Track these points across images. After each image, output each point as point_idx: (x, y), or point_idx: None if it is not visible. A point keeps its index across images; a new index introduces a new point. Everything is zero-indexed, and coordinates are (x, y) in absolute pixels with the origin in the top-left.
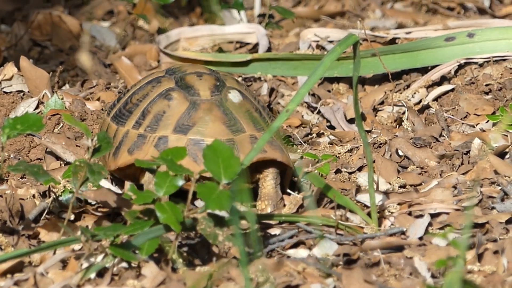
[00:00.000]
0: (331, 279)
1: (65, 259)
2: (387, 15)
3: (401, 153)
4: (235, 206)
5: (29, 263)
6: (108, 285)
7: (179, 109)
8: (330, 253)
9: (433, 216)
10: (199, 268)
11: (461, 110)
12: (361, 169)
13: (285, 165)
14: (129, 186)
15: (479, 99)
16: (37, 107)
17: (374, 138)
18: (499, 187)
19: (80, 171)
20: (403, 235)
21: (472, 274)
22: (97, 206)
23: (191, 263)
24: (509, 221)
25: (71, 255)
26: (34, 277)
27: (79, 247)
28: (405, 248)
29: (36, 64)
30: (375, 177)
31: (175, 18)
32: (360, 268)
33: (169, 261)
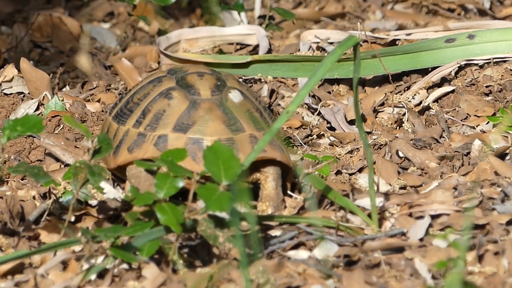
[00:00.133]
0: (331, 280)
1: (65, 260)
2: (388, 17)
3: (401, 154)
4: (235, 207)
5: (30, 264)
6: (108, 286)
7: (179, 108)
8: (330, 254)
9: (434, 217)
10: (199, 269)
11: (461, 111)
12: (361, 170)
13: (285, 165)
14: (129, 187)
15: (479, 101)
16: (37, 109)
17: (374, 139)
18: (500, 189)
19: (80, 173)
20: (404, 236)
21: (472, 275)
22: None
23: (191, 264)
24: (510, 222)
25: (72, 257)
26: (34, 279)
27: (80, 249)
28: (405, 249)
29: (36, 65)
30: (376, 179)
31: (176, 19)
32: (360, 269)
33: (170, 263)
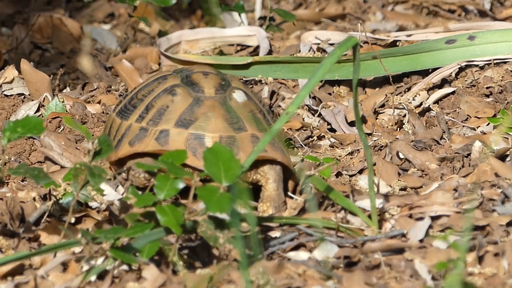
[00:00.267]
0: (331, 282)
1: (65, 262)
2: (388, 18)
3: (401, 156)
4: (235, 208)
5: (30, 266)
6: (108, 287)
7: (182, 104)
8: (330, 255)
9: (434, 218)
10: (199, 270)
11: (462, 112)
12: (361, 172)
13: (286, 166)
14: (129, 189)
15: (480, 102)
16: (37, 110)
17: (374, 140)
18: (500, 190)
19: (80, 174)
20: (404, 237)
21: (472, 276)
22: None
23: (191, 265)
24: (510, 224)
25: (72, 258)
26: (34, 280)
27: (80, 250)
28: (405, 250)
29: (36, 67)
30: (376, 180)
31: (176, 20)
32: (360, 270)
33: (170, 264)
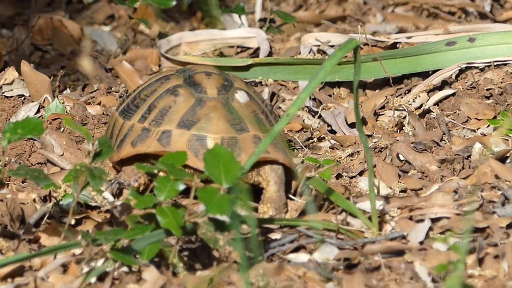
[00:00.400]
0: (331, 284)
1: (65, 263)
2: (388, 20)
3: (402, 158)
4: (235, 210)
5: (30, 267)
6: None
7: (185, 105)
8: (330, 257)
9: (434, 220)
10: (199, 272)
11: (462, 114)
12: (362, 173)
13: (288, 168)
14: (130, 190)
15: (480, 104)
16: (38, 112)
17: (375, 142)
18: (500, 192)
19: (80, 176)
20: (404, 239)
21: (472, 278)
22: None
23: (191, 267)
24: (510, 226)
25: (72, 260)
26: (34, 282)
27: (80, 252)
28: (405, 252)
29: (37, 68)
30: (376, 182)
31: (176, 22)
32: (360, 272)
33: (170, 266)
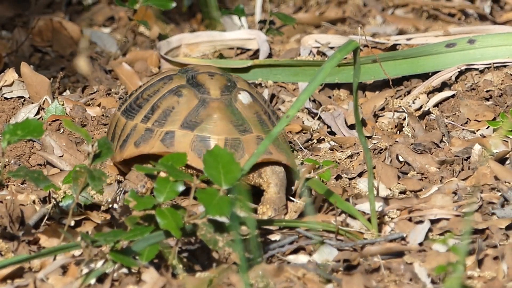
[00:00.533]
0: (331, 285)
1: (65, 265)
2: (388, 21)
3: (401, 159)
4: (235, 212)
5: (29, 269)
6: None
7: (188, 105)
8: (330, 259)
9: (433, 222)
10: (199, 273)
11: (461, 116)
12: (361, 175)
13: (289, 169)
14: (129, 192)
15: (479, 105)
16: (37, 113)
17: (374, 144)
18: (499, 193)
19: (80, 177)
20: (403, 241)
21: (472, 280)
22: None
23: (191, 268)
24: (509, 227)
25: (71, 261)
26: (34, 283)
27: (79, 253)
28: (405, 253)
29: (36, 70)
30: (376, 183)
31: (176, 24)
32: (360, 274)
33: (169, 267)
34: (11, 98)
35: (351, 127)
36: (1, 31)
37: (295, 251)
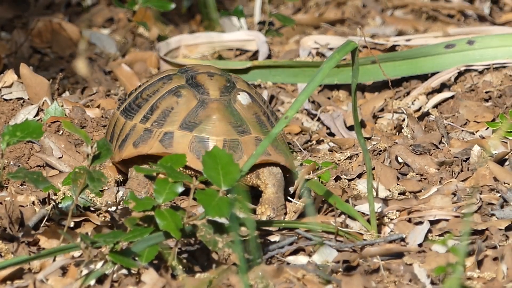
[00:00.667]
0: (330, 286)
1: (65, 266)
2: (387, 22)
3: (400, 160)
4: (234, 212)
5: (29, 270)
6: None
7: (187, 106)
8: (329, 259)
9: (433, 223)
10: (198, 274)
11: (460, 117)
12: (360, 176)
13: (288, 170)
14: (129, 193)
15: (479, 106)
16: (37, 114)
17: (374, 145)
18: (499, 194)
19: (80, 178)
20: (403, 241)
21: (471, 280)
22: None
23: (190, 269)
24: (509, 228)
25: (71, 262)
26: (33, 284)
27: (79, 254)
28: (404, 254)
29: (36, 71)
30: (375, 184)
31: (175, 25)
32: (359, 274)
33: (169, 268)
34: (11, 99)
35: (350, 128)
36: (1, 32)
37: (295, 252)
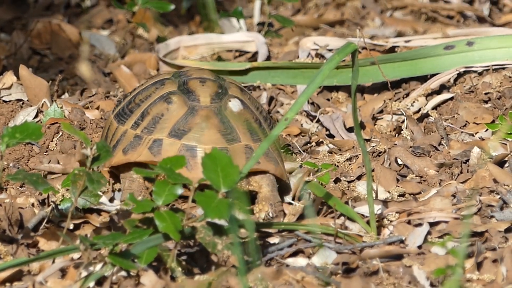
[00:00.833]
0: None
1: (64, 268)
2: (387, 24)
3: (400, 162)
4: (234, 214)
5: (28, 272)
6: None
7: (177, 113)
8: (329, 261)
9: (432, 224)
10: (198, 276)
11: (460, 118)
12: (360, 177)
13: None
14: (127, 194)
15: (478, 108)
16: (36, 116)
17: (373, 146)
18: (498, 196)
19: (79, 180)
20: (402, 243)
21: (471, 282)
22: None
23: (190, 271)
24: (508, 230)
25: (70, 264)
26: (33, 286)
27: (78, 256)
28: (404, 256)
29: (35, 72)
30: (374, 186)
31: (175, 26)
32: (359, 276)
33: (168, 270)
34: (10, 101)
35: (350, 130)
36: (0, 34)
37: (294, 254)
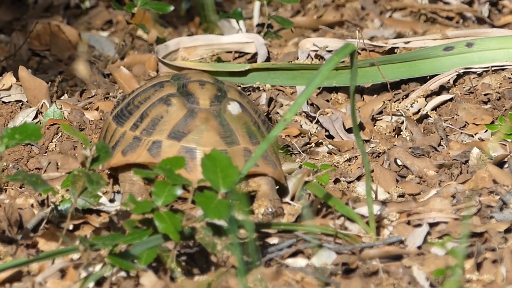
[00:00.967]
0: None
1: (63, 268)
2: (386, 25)
3: (399, 163)
4: (233, 215)
5: (28, 272)
6: None
7: (176, 115)
8: (328, 262)
9: (432, 225)
10: (197, 277)
11: (459, 119)
12: (359, 178)
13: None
14: (127, 196)
15: (477, 109)
16: (35, 117)
17: (372, 147)
18: (498, 197)
19: (78, 181)
20: (402, 244)
21: (470, 283)
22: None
23: (189, 272)
24: (508, 230)
25: (70, 265)
26: (32, 287)
27: (78, 257)
28: (403, 257)
29: (35, 74)
30: (374, 187)
31: (174, 27)
32: (358, 277)
33: (168, 270)
34: (9, 102)
35: (349, 130)
36: None
37: (294, 255)
